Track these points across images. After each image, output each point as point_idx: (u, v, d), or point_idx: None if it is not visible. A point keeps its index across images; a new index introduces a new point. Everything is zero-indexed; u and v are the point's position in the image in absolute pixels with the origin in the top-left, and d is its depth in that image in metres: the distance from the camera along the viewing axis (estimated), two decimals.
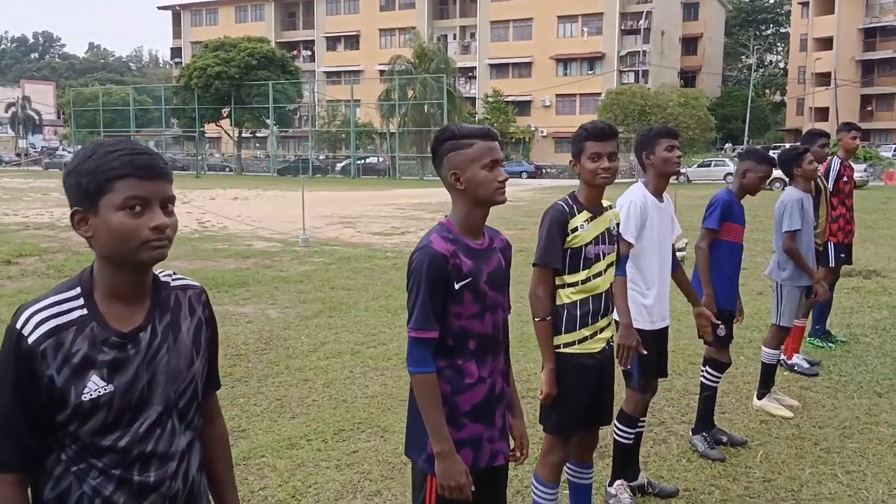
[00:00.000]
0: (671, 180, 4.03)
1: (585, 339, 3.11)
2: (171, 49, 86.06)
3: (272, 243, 14.78)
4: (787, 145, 7.69)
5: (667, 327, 3.93)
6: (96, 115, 62.31)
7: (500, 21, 66.66)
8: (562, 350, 3.11)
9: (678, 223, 4.00)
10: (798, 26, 70.71)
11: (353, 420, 5.01)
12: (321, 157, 61.29)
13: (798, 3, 70.41)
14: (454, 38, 70.49)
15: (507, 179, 2.32)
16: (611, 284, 3.20)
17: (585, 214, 3.10)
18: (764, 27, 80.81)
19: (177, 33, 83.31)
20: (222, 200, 27.55)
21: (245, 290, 9.66)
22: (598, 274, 3.11)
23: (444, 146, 2.33)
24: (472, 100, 66.14)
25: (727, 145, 62.08)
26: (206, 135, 68.34)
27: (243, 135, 61.83)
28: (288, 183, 43.01)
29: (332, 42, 74.65)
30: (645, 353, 3.57)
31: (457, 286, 2.27)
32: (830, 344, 6.76)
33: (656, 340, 3.81)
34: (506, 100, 62.40)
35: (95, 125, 62.10)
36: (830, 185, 6.53)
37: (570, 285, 3.10)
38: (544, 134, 63.40)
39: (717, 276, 4.51)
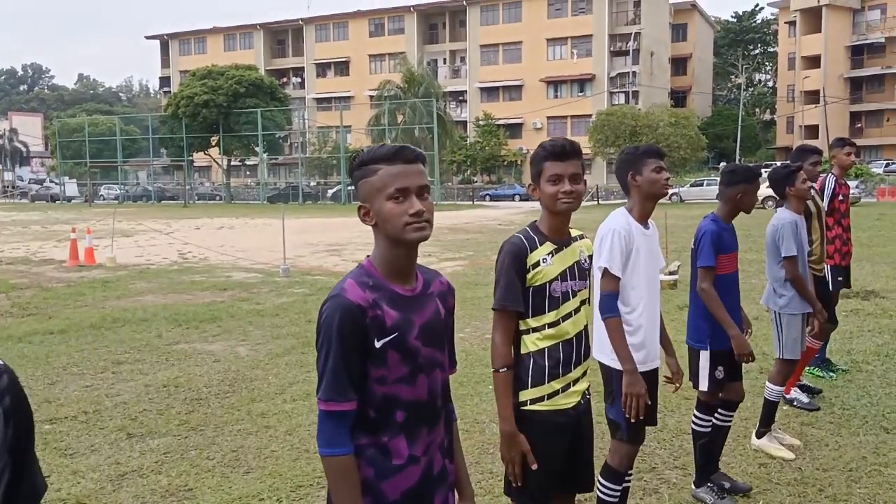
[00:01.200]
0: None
1: (556, 392, 2.68)
2: (160, 78, 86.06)
3: (252, 274, 14.35)
4: (779, 163, 7.19)
5: (657, 368, 3.51)
6: (82, 145, 61.97)
7: (489, 45, 66.89)
8: (528, 407, 2.67)
9: (661, 254, 3.59)
10: (786, 45, 71.08)
11: (313, 474, 4.55)
12: (312, 183, 61.04)
13: (785, 23, 70.81)
14: (444, 63, 70.71)
15: (421, 211, 1.86)
16: (584, 326, 2.77)
17: (548, 246, 2.68)
18: (752, 47, 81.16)
19: (165, 63, 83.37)
20: (207, 230, 27.14)
21: (217, 325, 9.21)
22: (568, 315, 2.69)
23: (353, 175, 1.94)
24: (464, 123, 66.15)
25: (722, 164, 61.90)
26: (197, 164, 68.10)
27: (233, 163, 61.53)
28: (277, 211, 42.42)
29: (322, 69, 74.76)
30: (649, 402, 3.18)
31: (378, 344, 1.84)
32: (831, 373, 6.33)
33: (646, 384, 3.38)
34: (497, 123, 62.39)
35: (81, 156, 61.75)
36: (825, 205, 6.15)
37: (535, 330, 2.67)
38: None
39: (712, 314, 4.11)
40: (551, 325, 2.66)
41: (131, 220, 33.10)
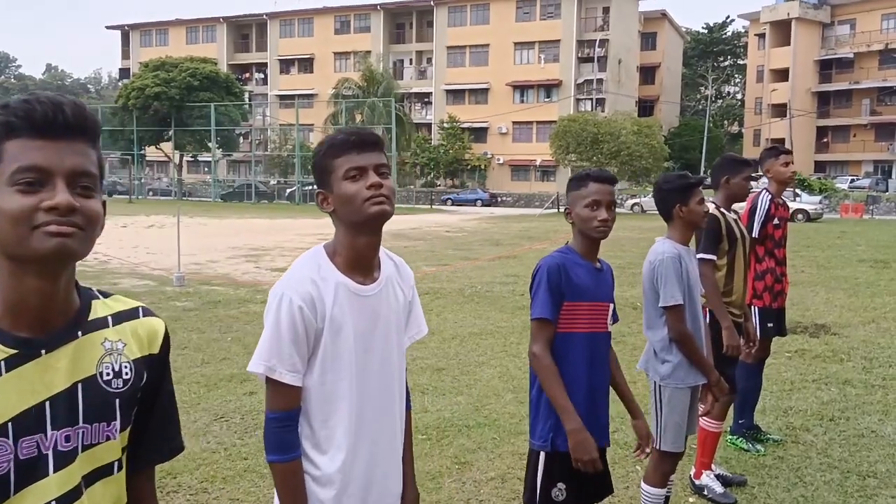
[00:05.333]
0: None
1: None
2: (120, 70, 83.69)
3: (144, 282, 12.82)
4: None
5: None
6: None
7: (456, 47, 65.55)
8: None
9: (421, 315, 2.08)
10: (755, 58, 70.68)
11: None
12: (272, 182, 59.29)
13: (755, 35, 70.38)
14: (410, 63, 69.33)
15: None
16: None
17: None
18: (722, 58, 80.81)
19: (126, 54, 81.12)
20: (134, 229, 25.36)
21: None
22: None
23: None
24: (429, 125, 64.80)
25: None
26: (154, 158, 66.01)
27: (186, 159, 59.52)
28: (225, 210, 40.99)
29: (286, 65, 73.00)
30: None
31: None
32: (759, 446, 4.93)
33: None
34: (462, 126, 61.05)
35: None
36: (756, 231, 4.78)
37: None
38: (501, 161, 62.13)
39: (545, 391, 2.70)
40: None
41: None
